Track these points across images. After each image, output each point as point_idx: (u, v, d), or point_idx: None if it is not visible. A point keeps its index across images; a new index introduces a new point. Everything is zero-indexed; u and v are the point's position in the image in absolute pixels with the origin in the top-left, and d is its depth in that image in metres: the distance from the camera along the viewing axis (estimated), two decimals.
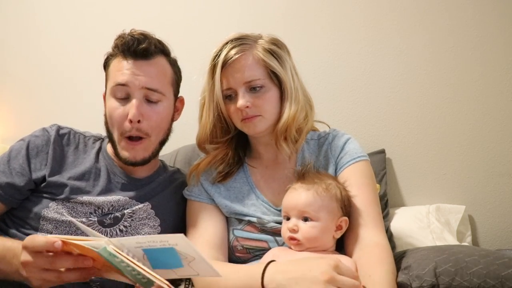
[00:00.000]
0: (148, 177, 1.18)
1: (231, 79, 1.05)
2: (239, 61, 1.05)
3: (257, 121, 1.07)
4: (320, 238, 0.97)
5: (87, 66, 1.79)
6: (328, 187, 1.00)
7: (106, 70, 1.14)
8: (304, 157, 1.14)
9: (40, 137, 1.12)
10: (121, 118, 1.06)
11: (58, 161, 1.10)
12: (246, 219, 1.09)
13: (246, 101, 1.04)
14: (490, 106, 1.62)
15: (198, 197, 1.14)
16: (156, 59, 1.09)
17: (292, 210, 0.99)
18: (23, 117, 1.88)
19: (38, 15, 1.88)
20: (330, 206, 0.98)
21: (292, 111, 1.07)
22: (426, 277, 0.89)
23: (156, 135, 1.10)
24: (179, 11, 1.81)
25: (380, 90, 1.68)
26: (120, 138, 1.08)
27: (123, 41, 1.06)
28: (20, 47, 1.89)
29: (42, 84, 1.88)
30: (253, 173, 1.17)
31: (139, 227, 1.10)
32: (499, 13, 1.61)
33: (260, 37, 1.11)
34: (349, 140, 1.14)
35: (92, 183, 1.11)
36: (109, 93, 1.09)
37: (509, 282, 0.85)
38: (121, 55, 1.07)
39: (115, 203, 1.09)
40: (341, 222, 1.00)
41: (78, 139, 1.17)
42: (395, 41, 1.67)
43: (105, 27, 1.77)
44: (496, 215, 1.62)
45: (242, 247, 1.08)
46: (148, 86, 1.06)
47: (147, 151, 1.10)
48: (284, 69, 1.08)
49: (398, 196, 1.66)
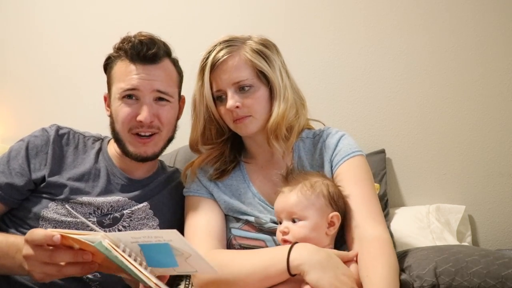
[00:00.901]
0: (147, 178, 1.18)
1: (220, 80, 1.07)
2: (226, 62, 1.06)
3: (248, 121, 1.08)
4: (311, 236, 0.96)
5: (88, 66, 1.79)
6: (314, 185, 0.99)
7: (108, 71, 1.13)
8: (300, 157, 1.14)
9: (39, 137, 1.12)
10: (129, 116, 1.07)
11: (58, 161, 1.11)
12: (244, 218, 1.10)
13: (235, 101, 1.05)
14: (490, 106, 1.62)
15: (197, 192, 1.14)
16: (163, 62, 1.10)
17: (281, 213, 1.00)
18: (23, 117, 1.88)
19: (39, 15, 1.88)
20: (317, 203, 0.98)
21: (281, 109, 1.08)
22: (426, 277, 0.89)
23: (167, 131, 1.12)
24: (179, 10, 1.81)
25: (380, 90, 1.68)
26: (128, 135, 1.09)
27: (130, 45, 1.06)
28: (20, 47, 1.89)
29: (43, 84, 1.87)
30: (250, 171, 1.17)
31: (138, 227, 1.11)
32: (500, 13, 1.62)
33: (249, 38, 1.12)
34: (343, 137, 1.13)
35: (92, 184, 1.11)
36: (116, 97, 1.09)
37: (509, 282, 0.85)
38: (128, 59, 1.07)
39: (114, 204, 1.09)
40: (333, 218, 0.98)
41: (77, 139, 1.17)
42: (395, 41, 1.67)
43: (106, 27, 1.79)
44: (496, 215, 1.62)
45: (239, 246, 1.08)
46: (158, 89, 1.08)
47: (157, 146, 1.11)
48: (271, 68, 1.09)
49: (398, 196, 1.66)
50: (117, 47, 1.10)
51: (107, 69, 1.14)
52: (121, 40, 1.10)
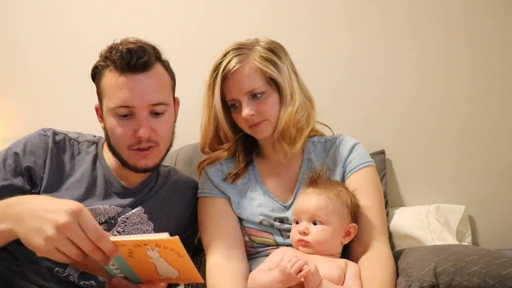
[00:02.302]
0: (142, 183, 1.15)
1: (233, 90, 1.10)
2: (237, 73, 1.09)
3: (264, 126, 1.12)
4: (329, 242, 0.99)
5: (88, 66, 1.79)
6: (339, 193, 1.02)
7: (97, 82, 1.07)
8: (310, 159, 1.18)
9: (37, 142, 1.07)
10: (127, 134, 1.03)
11: (55, 172, 1.06)
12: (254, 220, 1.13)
13: (250, 109, 1.09)
14: (490, 106, 1.62)
15: (210, 192, 1.17)
16: (154, 68, 1.04)
17: (303, 213, 1.01)
18: (23, 117, 1.88)
19: (39, 15, 1.88)
20: (341, 211, 1.01)
21: (288, 112, 1.11)
22: (426, 277, 0.89)
23: (165, 143, 1.10)
24: (180, 11, 1.81)
25: (380, 90, 1.68)
26: (127, 151, 1.05)
27: (118, 54, 0.99)
28: (21, 48, 1.89)
29: (43, 84, 1.87)
30: (262, 170, 1.20)
31: (132, 232, 1.10)
32: (500, 13, 1.62)
33: (256, 42, 1.14)
34: (357, 145, 1.18)
35: (89, 193, 1.08)
36: (109, 112, 1.03)
37: (509, 282, 0.85)
38: (117, 69, 1.01)
39: (109, 211, 1.07)
40: (350, 228, 1.03)
41: (72, 145, 1.12)
42: (395, 41, 1.67)
43: (107, 28, 1.78)
44: (496, 215, 1.62)
45: (249, 238, 1.12)
46: (153, 102, 1.02)
47: (157, 157, 1.09)
48: (280, 74, 1.11)
49: (397, 196, 1.66)
50: (104, 55, 1.03)
51: (95, 79, 1.08)
52: (107, 48, 1.03)
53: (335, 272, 0.95)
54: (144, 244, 0.71)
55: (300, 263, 0.86)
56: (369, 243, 1.03)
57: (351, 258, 1.05)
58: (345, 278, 0.96)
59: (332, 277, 0.93)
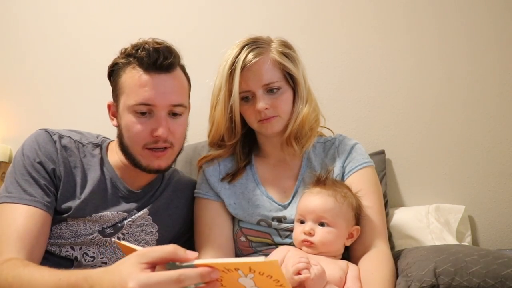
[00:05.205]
0: (147, 185, 1.15)
1: (250, 82, 1.09)
2: (257, 64, 1.08)
3: (275, 121, 1.11)
4: (333, 244, 1.00)
5: (88, 66, 1.79)
6: (346, 195, 1.03)
7: (115, 79, 1.05)
8: (310, 159, 1.18)
9: (49, 148, 1.05)
10: (144, 133, 1.02)
11: (68, 178, 1.05)
12: (251, 221, 1.12)
13: (265, 103, 1.08)
14: (490, 106, 1.62)
15: (205, 194, 1.17)
16: (176, 70, 1.05)
17: (310, 214, 1.01)
18: (23, 117, 1.88)
19: (40, 16, 1.88)
20: (347, 214, 1.01)
21: (305, 111, 1.12)
22: (426, 277, 0.89)
23: (179, 145, 1.10)
24: (189, 10, 1.80)
25: (380, 90, 1.68)
26: (142, 150, 1.04)
27: (145, 53, 0.99)
28: (21, 48, 1.89)
29: (44, 84, 1.87)
30: (260, 170, 1.20)
31: (137, 234, 1.10)
32: (500, 13, 1.62)
33: (271, 40, 1.15)
34: (356, 145, 1.18)
35: (103, 199, 1.07)
36: (127, 109, 1.02)
37: (508, 282, 0.85)
38: (142, 67, 1.01)
39: (116, 217, 1.07)
40: (353, 230, 1.03)
41: (78, 148, 1.09)
42: (395, 42, 1.67)
43: (109, 28, 1.78)
44: (496, 215, 1.62)
45: (245, 239, 1.11)
46: (174, 103, 1.03)
47: (170, 159, 1.08)
48: (298, 70, 1.13)
49: (397, 196, 1.66)
50: (126, 53, 1.03)
51: (112, 76, 1.07)
52: (132, 46, 1.03)
53: (337, 274, 0.95)
54: (235, 268, 0.59)
55: (300, 266, 0.85)
56: (369, 243, 1.03)
57: (351, 257, 1.05)
58: (346, 280, 0.96)
59: (334, 278, 0.93)
